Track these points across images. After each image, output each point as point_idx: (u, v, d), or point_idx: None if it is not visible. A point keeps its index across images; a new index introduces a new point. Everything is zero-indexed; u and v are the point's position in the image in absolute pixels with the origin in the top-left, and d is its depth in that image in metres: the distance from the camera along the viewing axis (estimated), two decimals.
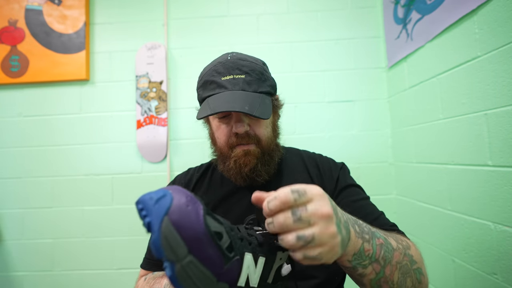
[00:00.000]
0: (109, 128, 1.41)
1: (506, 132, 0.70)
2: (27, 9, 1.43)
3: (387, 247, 0.45)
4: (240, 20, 1.42)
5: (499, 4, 0.72)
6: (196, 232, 0.30)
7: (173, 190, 0.32)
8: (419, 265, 0.50)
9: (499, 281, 0.72)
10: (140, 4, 1.44)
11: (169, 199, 0.31)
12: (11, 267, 1.37)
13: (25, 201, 1.39)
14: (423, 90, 1.06)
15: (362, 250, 0.41)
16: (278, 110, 0.73)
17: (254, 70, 0.63)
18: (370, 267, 0.42)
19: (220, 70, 0.63)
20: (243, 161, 0.63)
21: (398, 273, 0.45)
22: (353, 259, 0.41)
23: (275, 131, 0.71)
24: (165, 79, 1.40)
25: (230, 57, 0.64)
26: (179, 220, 0.30)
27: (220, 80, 0.62)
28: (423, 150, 1.08)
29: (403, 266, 0.46)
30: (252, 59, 0.67)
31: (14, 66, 1.40)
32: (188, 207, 0.31)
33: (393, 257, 0.45)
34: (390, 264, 0.44)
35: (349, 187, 0.67)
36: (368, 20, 1.39)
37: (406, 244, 0.50)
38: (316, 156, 0.76)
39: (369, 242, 0.42)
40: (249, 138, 0.63)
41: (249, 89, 0.61)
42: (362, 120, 1.36)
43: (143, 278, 0.68)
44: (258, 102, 0.60)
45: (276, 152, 0.69)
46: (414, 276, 0.48)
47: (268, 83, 0.65)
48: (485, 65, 0.76)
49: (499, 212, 0.72)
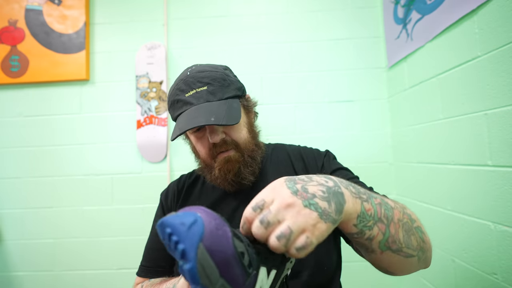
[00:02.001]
0: (109, 128, 1.41)
1: (506, 132, 0.70)
2: (27, 9, 1.43)
3: (386, 206, 0.44)
4: (240, 20, 1.42)
5: (499, 4, 0.72)
6: (227, 255, 0.31)
7: (201, 213, 0.32)
8: (418, 224, 0.49)
9: (499, 281, 0.72)
10: (140, 4, 1.44)
11: (201, 224, 0.31)
12: (11, 267, 1.37)
13: (25, 201, 1.39)
14: (423, 90, 1.06)
15: (364, 210, 0.40)
16: (252, 109, 0.74)
17: (215, 79, 0.64)
18: (375, 227, 0.41)
19: (182, 87, 0.64)
20: (226, 168, 0.65)
21: (402, 231, 0.44)
22: (358, 222, 0.40)
23: (252, 131, 0.71)
24: (165, 79, 1.40)
25: (189, 73, 0.66)
26: (212, 246, 0.30)
27: (184, 97, 0.63)
28: (423, 150, 1.08)
29: (404, 223, 0.46)
30: (212, 67, 0.67)
31: (14, 66, 1.40)
32: (219, 231, 0.31)
33: (394, 214, 0.44)
34: (393, 221, 0.44)
35: (334, 172, 0.68)
36: (368, 20, 1.39)
37: (402, 205, 0.50)
38: (300, 148, 0.77)
39: (367, 201, 0.42)
40: (227, 144, 0.65)
41: (214, 98, 0.62)
42: (362, 120, 1.36)
43: (139, 285, 0.67)
44: (225, 109, 0.61)
45: (256, 152, 0.70)
46: (417, 234, 0.47)
47: (232, 87, 0.66)
48: (485, 65, 0.76)
49: (499, 212, 0.72)
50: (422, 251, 0.48)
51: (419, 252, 0.47)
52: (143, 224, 1.36)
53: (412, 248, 0.46)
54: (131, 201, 1.38)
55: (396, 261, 0.45)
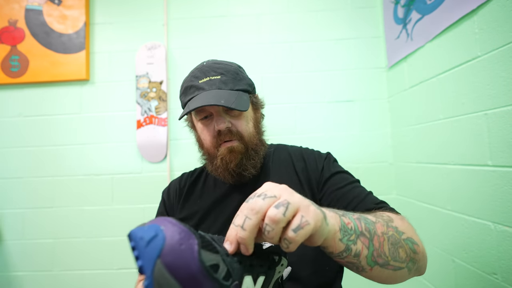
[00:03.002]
0: (109, 128, 1.41)
1: (506, 132, 0.70)
2: (27, 9, 1.43)
3: (366, 220, 0.44)
4: (240, 20, 1.42)
5: (499, 4, 0.72)
6: (191, 271, 0.29)
7: (165, 227, 0.30)
8: (408, 235, 0.49)
9: (499, 281, 0.72)
10: (140, 4, 1.44)
11: (161, 239, 0.29)
12: (11, 267, 1.37)
13: (25, 201, 1.39)
14: (423, 90, 1.06)
15: (344, 224, 0.40)
16: (260, 109, 0.76)
17: (229, 71, 0.67)
18: (359, 241, 0.41)
19: (197, 74, 0.68)
20: (229, 157, 0.66)
21: (388, 244, 0.44)
22: (342, 236, 0.39)
23: (258, 127, 0.73)
24: (165, 79, 1.40)
25: (205, 63, 0.70)
26: (173, 262, 0.29)
27: (197, 83, 0.66)
28: (423, 150, 1.08)
29: (390, 236, 0.45)
30: (227, 62, 0.71)
31: (14, 66, 1.40)
32: (182, 246, 0.30)
33: (376, 228, 0.44)
34: (376, 235, 0.43)
35: (333, 175, 0.68)
36: (368, 20, 1.39)
37: (387, 218, 0.50)
38: (302, 149, 0.78)
39: (345, 216, 0.42)
40: (232, 134, 0.66)
41: (225, 87, 0.65)
42: (362, 120, 1.36)
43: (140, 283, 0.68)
44: (235, 96, 0.63)
45: (260, 147, 0.71)
46: (406, 246, 0.47)
47: (244, 82, 0.69)
48: (485, 65, 0.76)
49: (499, 212, 0.72)
50: (413, 262, 0.48)
51: (408, 263, 0.47)
52: None
53: (400, 260, 0.45)
54: (131, 201, 1.38)
55: (387, 275, 0.45)
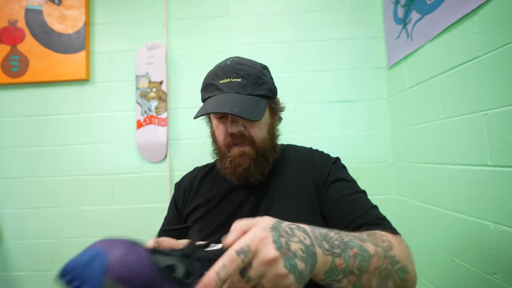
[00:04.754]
0: (109, 128, 1.41)
1: (506, 132, 0.70)
2: (27, 9, 1.43)
3: (363, 255, 0.44)
4: (240, 20, 1.42)
5: (499, 4, 0.72)
6: (146, 277, 0.28)
7: (103, 245, 0.29)
8: (402, 264, 0.49)
9: (499, 281, 0.72)
10: (140, 4, 1.44)
11: (102, 257, 0.28)
12: (11, 267, 1.37)
13: (25, 201, 1.39)
14: (423, 90, 1.06)
15: (334, 266, 0.40)
16: (278, 113, 0.76)
17: (250, 74, 0.66)
18: (345, 280, 0.42)
19: (219, 73, 0.67)
20: (238, 161, 0.66)
21: (377, 278, 0.45)
22: (325, 277, 0.40)
23: (272, 133, 0.72)
24: (165, 79, 1.40)
25: (230, 62, 0.68)
26: (123, 273, 0.27)
27: (218, 83, 0.66)
28: (423, 150, 1.08)
29: (382, 270, 0.46)
30: (251, 63, 0.69)
31: (14, 66, 1.40)
32: (128, 256, 0.28)
33: (370, 264, 0.44)
34: (367, 272, 0.44)
35: (339, 181, 0.67)
36: (368, 20, 1.39)
37: (388, 244, 0.49)
38: (312, 150, 0.78)
39: (340, 256, 0.41)
40: (244, 138, 0.66)
41: (244, 92, 0.64)
42: (362, 120, 1.36)
43: None
44: (251, 104, 0.62)
45: (271, 153, 0.70)
46: (396, 276, 0.48)
47: (265, 86, 0.67)
48: (485, 65, 0.76)
49: (499, 212, 0.72)
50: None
51: None
52: (143, 224, 1.36)
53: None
54: (131, 201, 1.38)
55: None
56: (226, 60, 0.70)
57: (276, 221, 0.38)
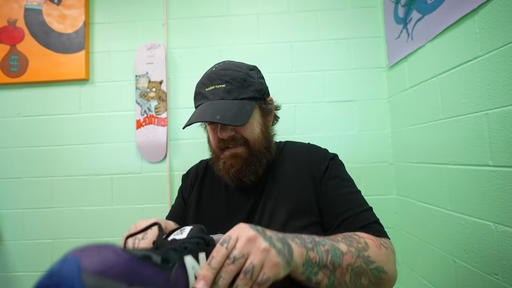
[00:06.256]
0: (108, 128, 1.41)
1: (506, 132, 0.70)
2: (26, 8, 1.42)
3: (335, 252, 0.48)
4: (240, 20, 1.42)
5: (499, 4, 0.72)
6: (124, 264, 0.28)
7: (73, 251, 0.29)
8: (377, 264, 0.52)
9: (500, 281, 0.72)
10: (140, 4, 1.44)
11: (73, 257, 0.27)
12: (11, 267, 1.37)
13: (25, 201, 1.39)
14: (423, 90, 1.06)
15: (309, 259, 0.44)
16: (272, 113, 0.75)
17: (235, 79, 0.66)
18: (320, 273, 0.46)
19: (205, 81, 0.68)
20: (230, 163, 0.67)
21: (350, 274, 0.48)
22: (304, 270, 0.44)
23: (266, 133, 0.72)
24: (165, 79, 1.39)
25: (215, 68, 0.69)
26: (99, 266, 0.27)
27: (204, 91, 0.67)
28: (423, 150, 1.07)
29: (356, 267, 0.49)
30: (237, 66, 0.69)
31: (14, 65, 1.40)
32: (101, 251, 0.28)
33: (343, 260, 0.48)
34: (340, 267, 0.47)
35: (336, 179, 0.68)
36: (368, 20, 1.39)
37: (363, 246, 0.52)
38: (309, 145, 0.78)
39: (313, 250, 0.46)
40: (235, 141, 0.67)
41: (229, 97, 0.64)
42: (362, 120, 1.36)
43: None
44: (235, 109, 0.63)
45: (264, 154, 0.70)
46: (370, 274, 0.51)
47: (251, 88, 0.67)
48: (485, 65, 0.76)
49: (500, 212, 0.72)
50: (375, 285, 0.52)
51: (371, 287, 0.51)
52: None
53: (361, 286, 0.50)
54: (131, 201, 1.38)
55: None
56: (212, 66, 0.71)
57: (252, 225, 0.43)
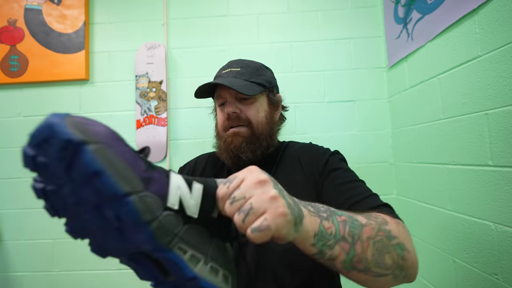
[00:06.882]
0: None
1: (507, 132, 0.70)
2: (26, 8, 1.42)
3: (353, 223, 0.41)
4: (240, 20, 1.42)
5: (500, 4, 0.72)
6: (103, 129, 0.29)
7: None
8: (400, 240, 0.45)
9: (500, 281, 0.72)
10: (140, 4, 1.44)
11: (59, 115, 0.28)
12: (10, 267, 1.37)
13: (25, 201, 1.38)
14: (423, 90, 1.06)
15: (323, 228, 0.38)
16: (279, 107, 0.80)
17: (249, 66, 0.74)
18: (337, 246, 0.39)
19: (223, 67, 0.77)
20: (231, 140, 0.71)
21: (373, 249, 0.41)
22: (316, 241, 0.37)
23: (270, 121, 0.75)
24: (165, 79, 1.39)
25: (235, 59, 0.79)
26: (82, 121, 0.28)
27: (220, 73, 0.75)
28: (423, 150, 1.07)
29: (377, 241, 0.42)
30: (254, 61, 0.79)
31: (14, 66, 1.40)
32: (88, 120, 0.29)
33: (363, 232, 0.41)
34: (360, 240, 0.40)
35: (338, 170, 0.67)
36: (368, 20, 1.39)
37: (382, 220, 0.46)
38: (311, 144, 0.80)
39: (328, 219, 0.39)
40: (240, 120, 0.71)
41: (241, 77, 0.71)
42: (362, 120, 1.36)
43: None
44: (244, 84, 0.69)
45: (266, 137, 0.73)
46: (394, 252, 0.44)
47: (262, 77, 0.73)
48: (486, 65, 0.76)
49: (500, 212, 0.72)
50: (400, 269, 0.44)
51: (394, 270, 0.43)
52: None
53: (385, 267, 0.42)
54: None
55: (365, 279, 0.42)
56: None
57: None
